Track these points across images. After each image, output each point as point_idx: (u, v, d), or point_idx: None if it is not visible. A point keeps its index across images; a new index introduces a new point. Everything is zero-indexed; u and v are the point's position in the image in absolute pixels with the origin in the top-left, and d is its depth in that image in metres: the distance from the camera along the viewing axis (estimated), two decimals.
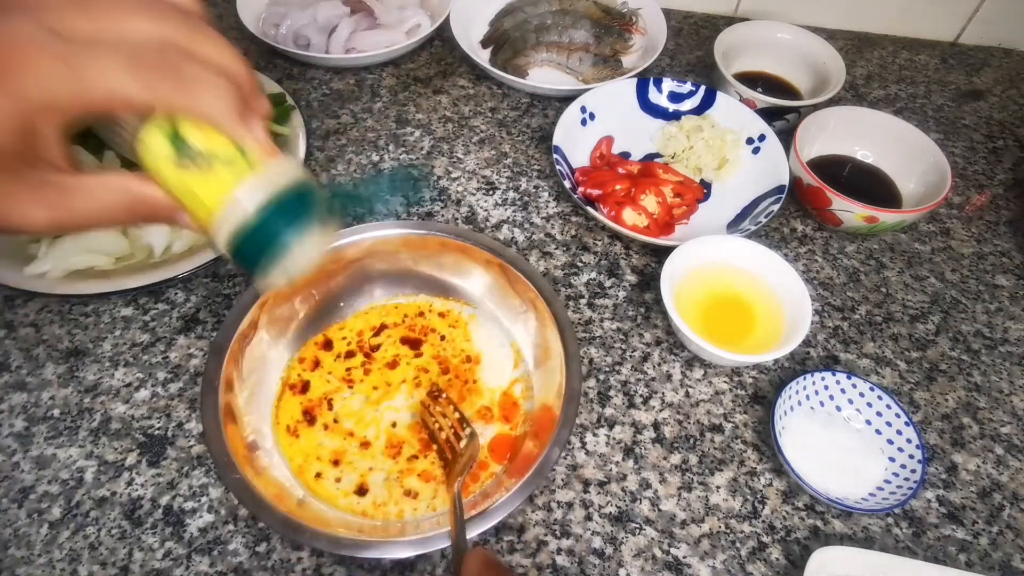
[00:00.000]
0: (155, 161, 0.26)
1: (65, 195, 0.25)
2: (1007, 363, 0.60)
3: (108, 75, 0.23)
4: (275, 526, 0.40)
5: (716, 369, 0.57)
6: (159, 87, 0.24)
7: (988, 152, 0.79)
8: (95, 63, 0.22)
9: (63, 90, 0.22)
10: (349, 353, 0.54)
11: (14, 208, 0.24)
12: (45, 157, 0.24)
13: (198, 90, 0.25)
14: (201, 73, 0.25)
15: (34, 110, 0.22)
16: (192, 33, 0.25)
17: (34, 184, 0.24)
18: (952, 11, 0.89)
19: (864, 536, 0.49)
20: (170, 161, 0.26)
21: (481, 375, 0.53)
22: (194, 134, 0.26)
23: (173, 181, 0.27)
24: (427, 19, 0.81)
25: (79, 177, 0.25)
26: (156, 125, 0.25)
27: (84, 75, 0.22)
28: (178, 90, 0.24)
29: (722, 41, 0.76)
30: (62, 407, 0.52)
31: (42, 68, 0.22)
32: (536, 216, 0.67)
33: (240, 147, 0.27)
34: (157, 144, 0.26)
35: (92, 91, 0.22)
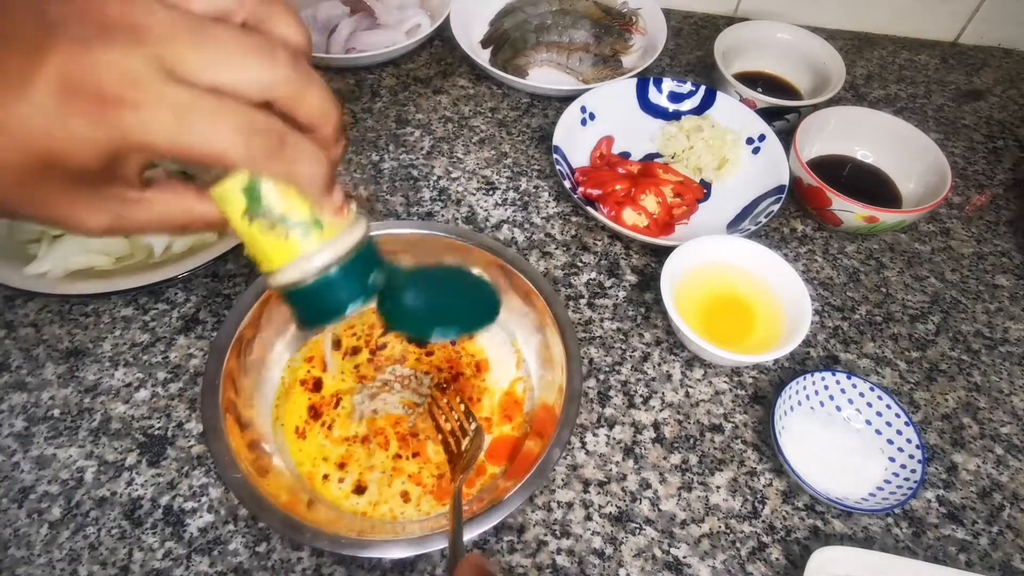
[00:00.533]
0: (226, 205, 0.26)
1: (128, 207, 0.25)
2: (1007, 363, 0.60)
3: (214, 135, 0.22)
4: (275, 526, 0.40)
5: (716, 369, 0.57)
6: (260, 156, 0.23)
7: (988, 152, 0.79)
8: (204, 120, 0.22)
9: (165, 137, 0.22)
10: (355, 349, 0.54)
11: (78, 215, 0.24)
12: (120, 179, 0.24)
13: (297, 162, 0.25)
14: (301, 144, 0.25)
15: (129, 147, 0.22)
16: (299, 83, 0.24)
17: (101, 196, 0.24)
18: (952, 11, 0.89)
19: (864, 536, 0.49)
20: (241, 213, 0.26)
21: (488, 384, 0.53)
22: (272, 195, 0.26)
23: (239, 226, 0.27)
24: (427, 19, 0.81)
25: (143, 192, 0.25)
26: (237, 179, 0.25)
27: (189, 130, 0.22)
28: (278, 161, 0.24)
29: (722, 41, 0.76)
30: (62, 407, 0.52)
31: (149, 113, 0.21)
32: (536, 216, 0.67)
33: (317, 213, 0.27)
34: (233, 195, 0.26)
35: (194, 146, 0.22)
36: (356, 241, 0.28)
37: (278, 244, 0.27)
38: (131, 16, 0.21)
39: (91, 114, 0.21)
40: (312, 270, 0.27)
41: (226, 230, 0.27)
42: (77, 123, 0.21)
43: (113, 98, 0.21)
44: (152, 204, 0.25)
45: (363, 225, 0.29)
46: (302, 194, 0.26)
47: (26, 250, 0.55)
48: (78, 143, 0.21)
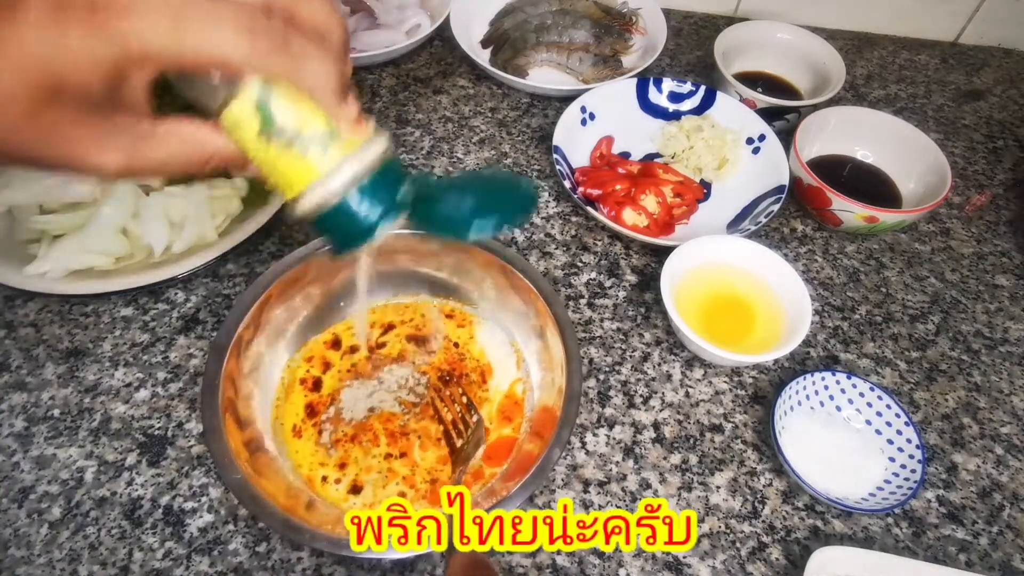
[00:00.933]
0: (239, 130, 0.25)
1: (141, 142, 0.24)
2: (1007, 363, 0.60)
3: (213, 36, 0.22)
4: (275, 526, 0.40)
5: (716, 369, 0.57)
6: (265, 56, 0.23)
7: (988, 152, 0.79)
8: (202, 22, 0.21)
9: (164, 44, 0.21)
10: (353, 348, 0.54)
11: (91, 151, 0.23)
12: (128, 104, 0.23)
13: (304, 63, 0.24)
14: (307, 45, 0.24)
15: (130, 59, 0.21)
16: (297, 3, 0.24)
17: (113, 129, 0.23)
18: (952, 11, 0.89)
19: (864, 536, 0.49)
20: (256, 134, 0.25)
21: (490, 394, 0.53)
22: (285, 108, 0.25)
23: (255, 150, 0.25)
24: (427, 19, 0.81)
25: (155, 124, 0.24)
26: (245, 95, 0.24)
27: (189, 32, 0.21)
28: (284, 62, 0.23)
29: (722, 41, 0.76)
30: (62, 407, 0.52)
31: (146, 18, 0.21)
32: (536, 216, 0.67)
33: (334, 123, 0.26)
34: (245, 115, 0.25)
35: (194, 49, 0.22)
36: (378, 154, 0.27)
37: (298, 164, 0.26)
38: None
39: (86, 24, 0.20)
40: (336, 188, 0.26)
41: (244, 165, 0.27)
42: (74, 36, 0.21)
43: (105, 7, 0.20)
44: (166, 138, 0.25)
45: (384, 138, 0.28)
46: (314, 99, 0.25)
47: (26, 250, 0.55)
48: (78, 59, 0.21)
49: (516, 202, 0.33)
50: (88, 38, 0.21)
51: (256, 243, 0.61)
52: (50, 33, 0.20)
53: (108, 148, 0.24)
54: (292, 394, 0.52)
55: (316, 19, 0.24)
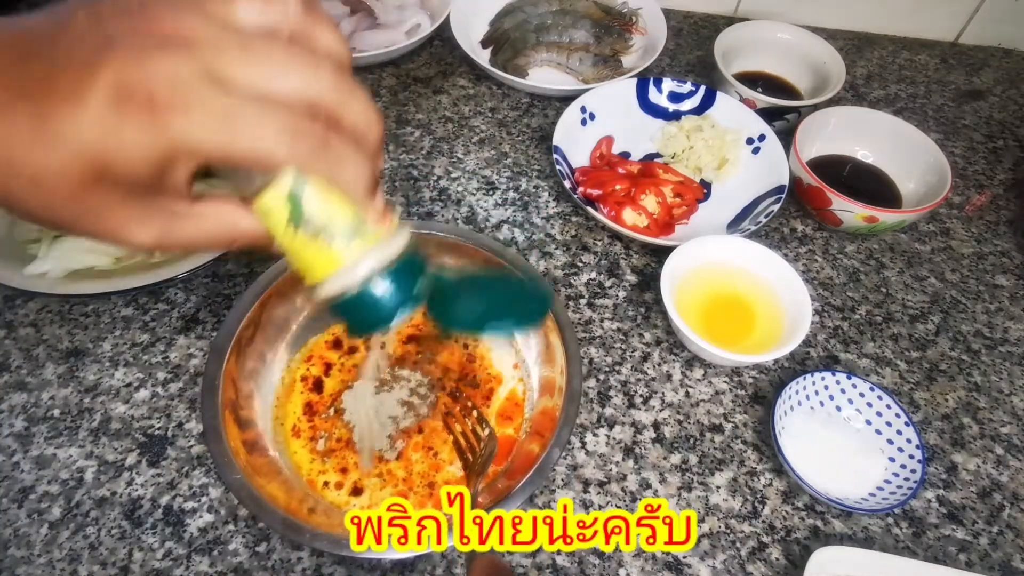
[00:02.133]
0: (269, 217, 0.26)
1: (177, 221, 0.25)
2: (1007, 363, 0.60)
3: (260, 135, 0.23)
4: (275, 526, 0.40)
5: (716, 369, 0.57)
6: (306, 156, 0.24)
7: (988, 152, 0.79)
8: (250, 122, 0.22)
9: (213, 140, 0.22)
10: (352, 348, 0.54)
11: (128, 228, 0.25)
12: (171, 189, 0.24)
13: (341, 165, 0.25)
14: (346, 147, 0.25)
15: (179, 152, 0.23)
16: (342, 92, 0.25)
17: (152, 209, 0.25)
18: (952, 11, 0.89)
19: (864, 536, 0.49)
20: (285, 222, 0.26)
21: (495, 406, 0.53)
22: (315, 202, 0.26)
23: (283, 238, 0.27)
24: (427, 19, 0.81)
25: (192, 205, 0.26)
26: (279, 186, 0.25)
27: (237, 131, 0.22)
28: (323, 162, 0.24)
29: (722, 41, 0.76)
30: (62, 407, 0.52)
31: (197, 115, 0.22)
32: (536, 216, 0.67)
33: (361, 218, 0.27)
34: (276, 205, 0.26)
35: (241, 147, 0.23)
36: (400, 248, 0.29)
37: (322, 254, 0.27)
38: (182, 30, 0.22)
39: (143, 120, 0.22)
40: (357, 279, 0.27)
41: (270, 247, 0.28)
42: (129, 130, 0.22)
43: (164, 104, 0.22)
44: (199, 218, 0.26)
45: (406, 232, 0.29)
46: (346, 196, 0.26)
47: (26, 250, 0.55)
48: (130, 150, 0.22)
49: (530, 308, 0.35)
50: (143, 132, 0.22)
51: None
52: (107, 123, 0.22)
53: (145, 226, 0.25)
54: (292, 394, 0.52)
55: (357, 120, 0.26)
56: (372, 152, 0.27)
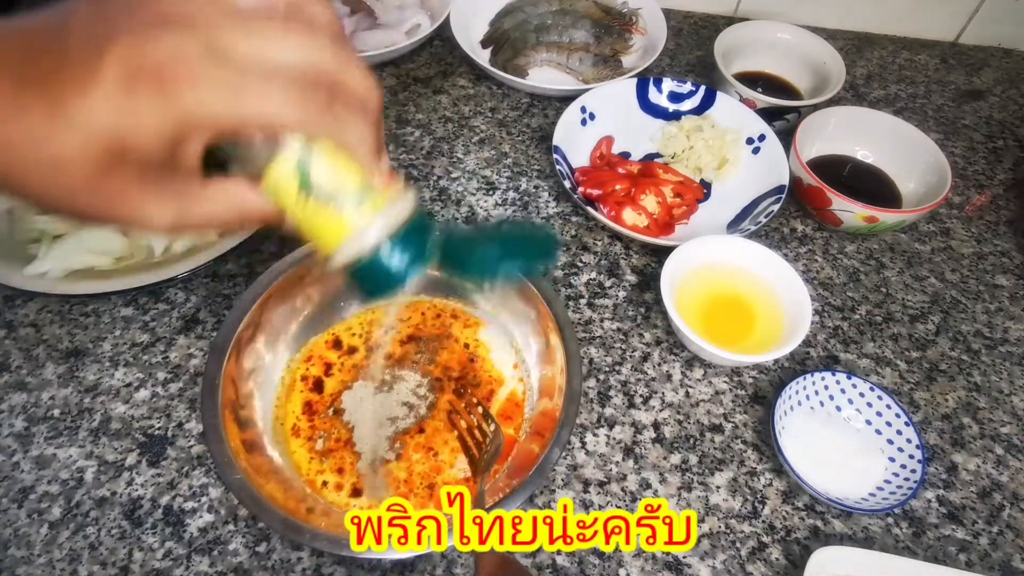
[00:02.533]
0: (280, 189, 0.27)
1: (191, 200, 0.26)
2: (1007, 363, 0.60)
3: (266, 100, 0.23)
4: (275, 526, 0.40)
5: (716, 369, 0.57)
6: (312, 118, 0.25)
7: (988, 152, 0.79)
8: (256, 87, 0.23)
9: (221, 109, 0.23)
10: (352, 348, 0.54)
11: (144, 208, 0.25)
12: (184, 165, 0.25)
13: (346, 126, 0.26)
14: (349, 107, 0.26)
15: (190, 123, 0.23)
16: (341, 58, 0.26)
17: (166, 190, 0.25)
18: (952, 11, 0.89)
19: (864, 536, 0.49)
20: (295, 192, 0.27)
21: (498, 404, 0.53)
22: (323, 168, 0.27)
23: (293, 207, 0.27)
24: (427, 19, 0.81)
25: (204, 183, 0.26)
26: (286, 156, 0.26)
27: (244, 97, 0.23)
28: (328, 122, 0.25)
29: (722, 41, 0.76)
30: (62, 407, 0.52)
31: (204, 86, 0.23)
32: (536, 216, 0.67)
33: (368, 181, 0.28)
34: (286, 175, 0.26)
35: (249, 113, 0.23)
36: (408, 209, 0.29)
37: (333, 220, 0.27)
38: (183, 11, 0.23)
39: (153, 96, 0.22)
40: (369, 243, 0.28)
41: (282, 224, 0.28)
42: (141, 107, 0.22)
43: (171, 78, 0.22)
44: (211, 198, 0.27)
45: (413, 194, 0.30)
46: (352, 160, 0.27)
47: (26, 250, 0.55)
48: (143, 127, 0.23)
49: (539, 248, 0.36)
50: (154, 108, 0.22)
51: (256, 243, 0.61)
52: (119, 103, 0.22)
53: (160, 207, 0.25)
54: (292, 394, 0.52)
55: (357, 88, 0.27)
56: (374, 116, 0.28)
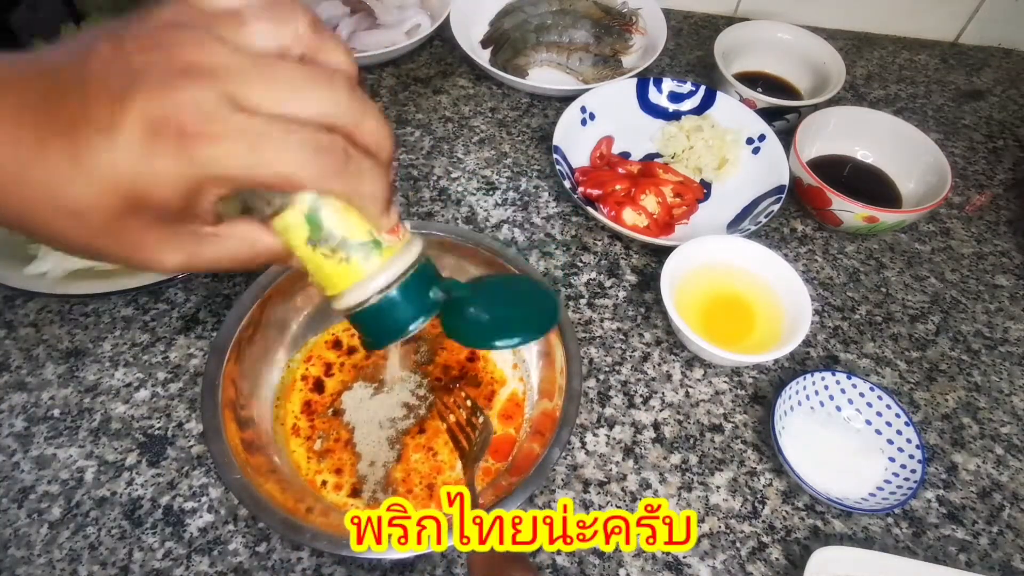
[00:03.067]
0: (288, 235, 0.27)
1: (201, 244, 0.26)
2: (1007, 363, 0.60)
3: (284, 159, 0.24)
4: (275, 526, 0.40)
5: (716, 369, 0.57)
6: (328, 174, 0.25)
7: (988, 152, 0.79)
8: (274, 146, 0.23)
9: (239, 166, 0.23)
10: (351, 349, 0.54)
11: (158, 254, 0.25)
12: (199, 215, 0.25)
13: (360, 180, 0.26)
14: (364, 164, 0.26)
15: (208, 179, 0.23)
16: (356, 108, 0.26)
17: (179, 234, 0.25)
18: (952, 11, 0.89)
19: (864, 536, 0.49)
20: (304, 239, 0.27)
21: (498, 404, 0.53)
22: (333, 219, 0.27)
23: (301, 254, 0.28)
24: (427, 19, 0.81)
25: (217, 227, 0.27)
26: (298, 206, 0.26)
27: (262, 156, 0.23)
28: (344, 177, 0.25)
29: (722, 41, 0.76)
30: (62, 407, 0.52)
31: (223, 143, 0.23)
32: (536, 216, 0.67)
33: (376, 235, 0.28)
34: (296, 223, 0.27)
35: (266, 171, 0.24)
36: (413, 259, 0.30)
37: (340, 268, 0.28)
38: (205, 59, 0.23)
39: (174, 151, 0.22)
40: (374, 290, 0.28)
41: (289, 262, 0.29)
42: (161, 161, 0.22)
43: (193, 133, 0.22)
44: (222, 240, 0.27)
45: (419, 244, 0.30)
46: (364, 211, 0.27)
47: (26, 250, 0.55)
48: (162, 180, 0.23)
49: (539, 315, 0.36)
50: (174, 162, 0.22)
51: None
52: (140, 155, 0.22)
53: (174, 251, 0.26)
54: (292, 394, 0.52)
55: (372, 136, 0.27)
56: (386, 165, 0.28)
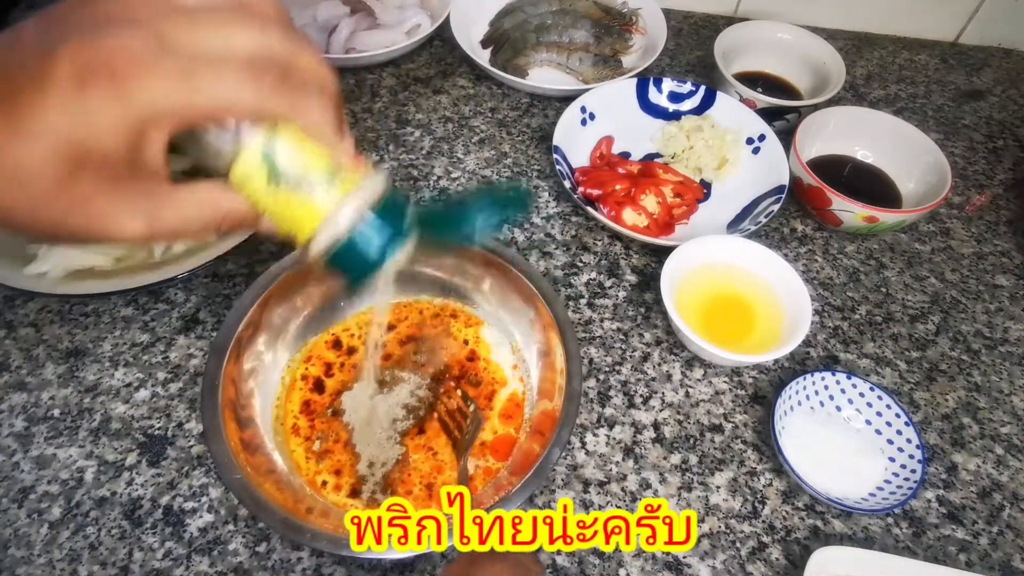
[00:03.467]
0: (249, 183, 0.27)
1: (160, 205, 0.26)
2: (1007, 363, 0.60)
3: (220, 83, 0.23)
4: (275, 526, 0.40)
5: (716, 369, 0.57)
6: (269, 96, 0.24)
7: (988, 152, 0.79)
8: (207, 71, 0.23)
9: (176, 97, 0.23)
10: (351, 349, 0.54)
11: (114, 216, 0.25)
12: (148, 165, 0.25)
13: (305, 100, 0.26)
14: (306, 84, 0.26)
15: (147, 117, 0.23)
16: (291, 44, 0.26)
17: (134, 195, 0.25)
18: (952, 11, 0.89)
19: (864, 536, 0.49)
20: (264, 183, 0.27)
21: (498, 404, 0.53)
22: (289, 154, 0.26)
23: (265, 200, 0.27)
24: (427, 19, 0.81)
25: (173, 187, 0.26)
26: (251, 148, 0.26)
27: (198, 83, 0.23)
28: (287, 99, 0.25)
29: (722, 41, 0.76)
30: (62, 407, 0.52)
31: (156, 76, 0.22)
32: (536, 216, 0.67)
33: (336, 162, 0.28)
34: (253, 167, 0.26)
35: (205, 98, 0.23)
36: (379, 188, 0.29)
37: (306, 205, 0.27)
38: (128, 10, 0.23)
39: (107, 93, 0.22)
40: (344, 223, 0.28)
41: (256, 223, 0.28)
42: (95, 104, 0.22)
43: (123, 72, 0.22)
44: (184, 201, 0.26)
45: (383, 174, 0.30)
46: (316, 136, 0.27)
47: (26, 250, 0.55)
48: (100, 125, 0.22)
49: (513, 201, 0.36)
50: (109, 104, 0.22)
51: (256, 243, 0.61)
52: (74, 104, 0.22)
53: (130, 214, 0.25)
54: (292, 393, 0.52)
55: (312, 70, 0.27)
56: (332, 97, 0.27)
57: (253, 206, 0.27)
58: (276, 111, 0.25)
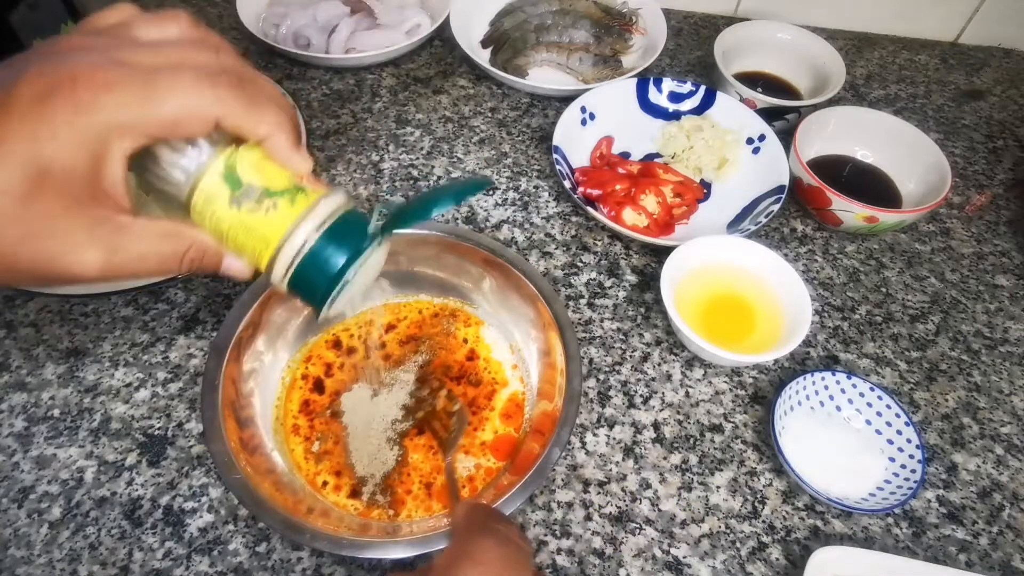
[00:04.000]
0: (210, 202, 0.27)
1: (120, 234, 0.26)
2: (1007, 363, 0.60)
3: (178, 89, 0.24)
4: (275, 526, 0.40)
5: (716, 369, 0.57)
6: (227, 99, 0.25)
7: (988, 152, 0.79)
8: (166, 79, 0.24)
9: (137, 108, 0.23)
10: (351, 349, 0.54)
11: (71, 249, 0.24)
12: (109, 189, 0.25)
13: (261, 108, 0.26)
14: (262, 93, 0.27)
15: (108, 129, 0.23)
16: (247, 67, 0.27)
17: (93, 220, 0.25)
18: (952, 11, 0.89)
19: (864, 536, 0.49)
20: (226, 202, 0.27)
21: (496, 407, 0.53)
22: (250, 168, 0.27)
23: (227, 222, 0.27)
24: (427, 19, 0.81)
25: (134, 219, 0.26)
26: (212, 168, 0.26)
27: (156, 91, 0.24)
28: (243, 104, 0.25)
29: (722, 41, 0.76)
30: (62, 407, 0.52)
31: (116, 88, 0.23)
32: (536, 216, 0.67)
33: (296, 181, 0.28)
34: (215, 188, 0.27)
35: (164, 107, 0.24)
36: (342, 200, 0.30)
37: (269, 220, 0.28)
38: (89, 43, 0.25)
39: (67, 105, 0.23)
40: (303, 238, 0.28)
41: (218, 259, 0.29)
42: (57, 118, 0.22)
43: (84, 86, 0.23)
44: (145, 233, 0.26)
45: (342, 192, 0.30)
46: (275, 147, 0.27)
47: None
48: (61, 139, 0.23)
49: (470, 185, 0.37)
50: (70, 117, 0.23)
51: None
52: (34, 120, 0.22)
53: (89, 243, 0.25)
54: (292, 393, 0.52)
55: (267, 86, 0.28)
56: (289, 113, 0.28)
57: (216, 236, 0.28)
58: (234, 116, 0.25)
